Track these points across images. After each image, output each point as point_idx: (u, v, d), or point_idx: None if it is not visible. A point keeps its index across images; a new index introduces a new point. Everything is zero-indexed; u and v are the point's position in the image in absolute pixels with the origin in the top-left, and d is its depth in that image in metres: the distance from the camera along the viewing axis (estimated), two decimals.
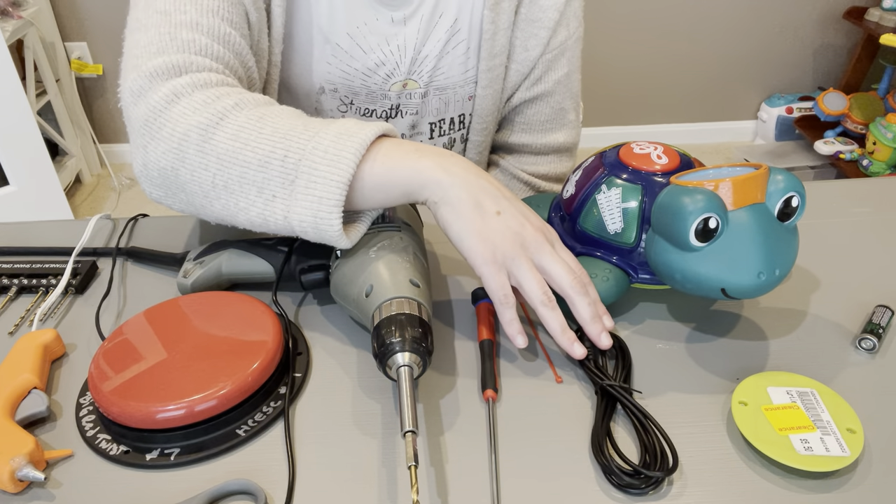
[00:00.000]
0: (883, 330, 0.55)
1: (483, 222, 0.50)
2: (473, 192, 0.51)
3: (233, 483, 0.44)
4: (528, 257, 0.51)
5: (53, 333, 0.55)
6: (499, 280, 0.50)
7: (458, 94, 0.80)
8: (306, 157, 0.49)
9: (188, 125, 0.52)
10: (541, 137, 0.86)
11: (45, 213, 2.02)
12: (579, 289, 0.51)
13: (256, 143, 0.51)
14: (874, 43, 2.15)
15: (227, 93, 0.54)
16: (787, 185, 0.49)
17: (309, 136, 0.50)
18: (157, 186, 0.56)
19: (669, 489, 0.44)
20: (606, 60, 2.37)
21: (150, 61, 0.56)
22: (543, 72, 0.80)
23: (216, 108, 0.53)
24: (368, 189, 0.51)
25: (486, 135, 0.84)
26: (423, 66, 0.76)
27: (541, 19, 0.77)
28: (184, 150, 0.52)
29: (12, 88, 1.83)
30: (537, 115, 0.84)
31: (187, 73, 0.55)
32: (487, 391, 0.50)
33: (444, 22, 0.74)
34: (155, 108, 0.54)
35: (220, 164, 0.51)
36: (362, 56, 0.74)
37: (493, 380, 0.51)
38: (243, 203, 0.52)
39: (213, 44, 0.59)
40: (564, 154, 0.89)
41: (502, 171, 0.89)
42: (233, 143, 0.51)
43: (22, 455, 0.44)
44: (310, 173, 0.49)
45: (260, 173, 0.50)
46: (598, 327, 0.51)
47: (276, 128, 0.51)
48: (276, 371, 0.51)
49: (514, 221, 0.51)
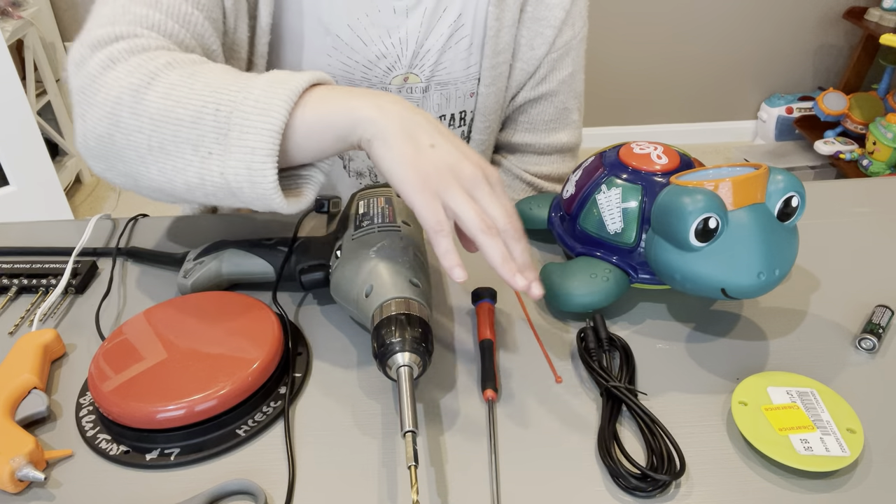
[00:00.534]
0: (883, 330, 0.55)
1: (416, 153, 0.48)
2: (407, 126, 0.48)
3: (233, 483, 0.44)
4: (462, 188, 0.48)
5: (53, 333, 0.55)
6: (431, 207, 0.47)
7: (460, 91, 0.79)
8: (238, 109, 0.48)
9: (120, 88, 0.51)
10: (544, 137, 0.86)
11: (45, 213, 2.02)
12: (515, 233, 0.48)
13: (188, 100, 0.49)
14: (874, 43, 2.15)
15: (161, 54, 0.53)
16: (787, 185, 0.49)
17: (239, 88, 0.49)
18: (96, 157, 0.55)
19: (670, 489, 0.44)
20: (607, 60, 2.37)
21: (95, 31, 0.55)
22: (548, 71, 0.80)
23: (148, 68, 0.51)
24: (301, 136, 0.49)
25: (489, 133, 0.84)
26: (424, 61, 0.76)
27: (547, 18, 0.77)
28: (117, 113, 0.51)
29: (12, 88, 1.83)
30: (541, 115, 0.84)
31: (125, 40, 0.54)
32: (487, 391, 0.50)
33: (447, 16, 0.74)
34: (91, 75, 0.53)
35: (154, 124, 0.50)
36: (363, 48, 0.74)
37: (492, 380, 0.51)
38: (180, 164, 0.50)
39: (168, 21, 0.58)
40: (567, 154, 0.89)
41: (505, 172, 0.89)
42: (164, 101, 0.50)
43: (22, 455, 0.44)
44: (241, 124, 0.48)
45: (193, 130, 0.49)
46: (508, 269, 0.47)
47: (207, 82, 0.50)
48: (276, 371, 0.51)
49: (450, 155, 0.48)
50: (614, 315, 0.58)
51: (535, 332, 0.57)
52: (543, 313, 0.59)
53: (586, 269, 0.57)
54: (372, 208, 0.59)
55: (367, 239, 0.55)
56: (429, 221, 0.47)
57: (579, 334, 0.55)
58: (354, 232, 0.57)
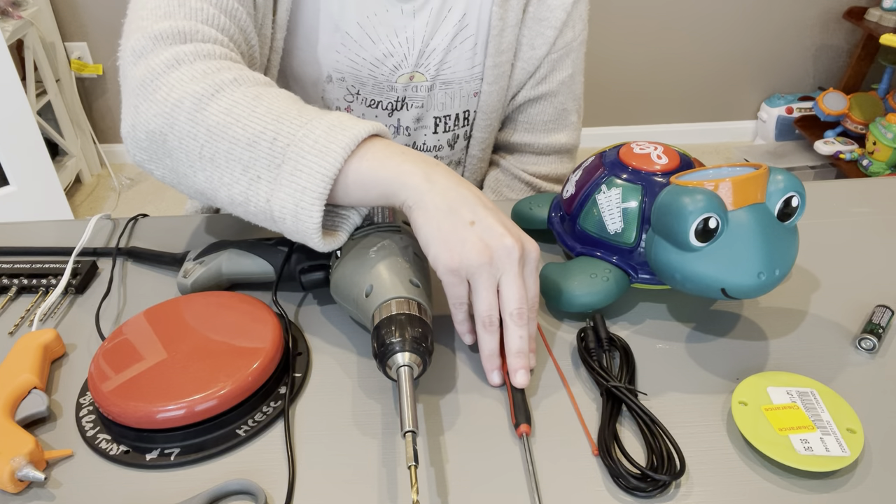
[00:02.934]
0: (883, 330, 0.55)
1: (453, 230, 0.48)
2: (450, 200, 0.49)
3: (233, 483, 0.44)
4: (491, 274, 0.48)
5: (53, 333, 0.55)
6: (457, 291, 0.50)
7: (464, 90, 0.80)
8: (295, 144, 0.49)
9: (183, 92, 0.52)
10: (543, 137, 0.86)
11: (45, 213, 2.02)
12: (518, 319, 0.49)
13: (248, 121, 0.50)
14: (874, 43, 2.15)
15: (228, 66, 0.54)
16: (787, 185, 0.49)
17: (301, 123, 0.50)
18: (142, 150, 0.55)
19: (670, 489, 0.44)
20: (607, 60, 2.37)
21: (156, 24, 0.55)
22: (548, 71, 0.81)
23: (214, 79, 0.52)
24: (350, 185, 0.50)
25: (489, 132, 0.84)
26: (430, 60, 0.77)
27: (548, 18, 0.78)
28: (175, 115, 0.52)
29: (12, 88, 1.83)
30: (540, 115, 0.85)
31: (192, 42, 0.55)
32: (521, 426, 0.47)
33: (452, 16, 0.75)
34: (154, 71, 0.53)
35: (210, 135, 0.51)
36: (371, 46, 0.75)
37: (525, 413, 0.48)
38: (227, 179, 0.51)
39: (221, 15, 0.59)
40: (565, 155, 0.89)
41: (503, 171, 0.89)
42: (225, 116, 0.51)
43: (22, 455, 0.44)
44: (297, 160, 0.49)
45: (247, 152, 0.50)
46: (520, 362, 0.49)
47: (269, 108, 0.51)
48: (276, 371, 0.51)
49: (488, 232, 0.48)
50: (614, 315, 0.58)
51: (540, 330, 0.57)
52: (543, 313, 0.59)
53: (586, 269, 0.57)
54: (372, 208, 0.59)
55: (367, 239, 0.55)
56: (452, 300, 0.51)
57: (579, 334, 0.55)
58: (354, 232, 0.57)
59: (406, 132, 0.82)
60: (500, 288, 0.49)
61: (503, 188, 0.89)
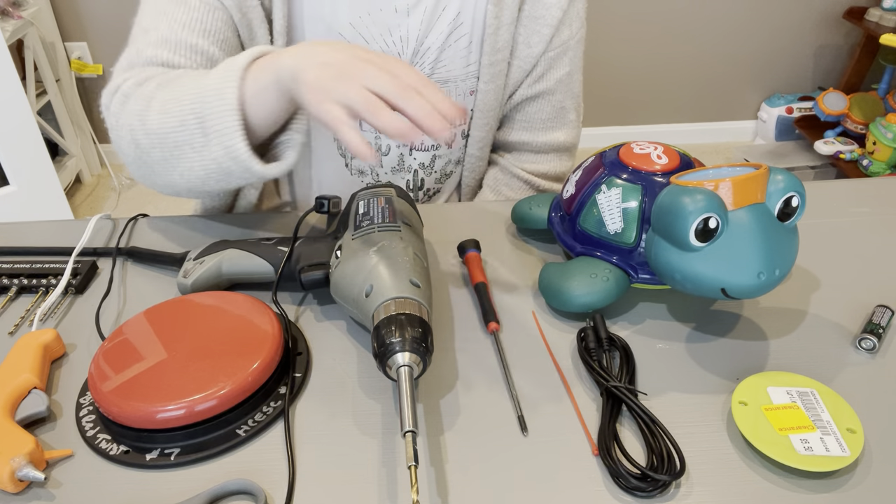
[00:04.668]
0: (883, 330, 0.55)
1: (321, 72, 0.52)
2: (319, 57, 0.53)
3: (233, 483, 0.44)
4: (374, 66, 0.50)
5: (53, 333, 0.55)
6: (331, 113, 0.50)
7: (460, 89, 0.80)
8: (205, 101, 0.56)
9: (132, 117, 0.61)
10: (541, 136, 0.86)
11: (45, 213, 2.02)
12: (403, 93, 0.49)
13: (176, 109, 0.58)
14: (874, 43, 2.15)
15: (155, 77, 0.62)
16: (787, 185, 0.49)
17: (204, 84, 0.57)
18: (140, 178, 0.66)
19: (670, 489, 0.44)
20: (607, 60, 2.37)
21: (115, 79, 0.65)
22: (545, 69, 0.81)
23: (145, 94, 0.61)
24: (256, 105, 0.56)
25: (487, 131, 0.84)
26: (424, 59, 0.77)
27: (544, 16, 0.78)
28: (136, 139, 0.61)
29: (12, 88, 1.83)
30: (538, 114, 0.84)
31: (133, 78, 0.63)
32: (491, 324, 0.56)
33: (447, 15, 0.75)
34: (114, 114, 0.63)
35: (160, 138, 0.59)
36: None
37: (492, 313, 0.57)
38: (187, 163, 0.59)
39: (176, 56, 0.66)
40: (564, 153, 0.89)
41: (502, 170, 0.89)
42: (161, 117, 0.59)
43: (22, 455, 0.44)
44: (210, 113, 0.56)
45: (184, 133, 0.57)
46: (429, 122, 0.48)
47: (185, 89, 0.58)
48: (276, 371, 0.51)
49: (353, 51, 0.52)
50: (614, 315, 0.58)
51: (540, 329, 0.57)
52: (543, 313, 0.59)
53: (586, 269, 0.57)
54: (372, 208, 0.59)
55: (367, 239, 0.55)
56: (328, 124, 0.50)
57: (579, 334, 0.55)
58: (354, 232, 0.57)
59: None
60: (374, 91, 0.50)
61: (502, 187, 0.89)
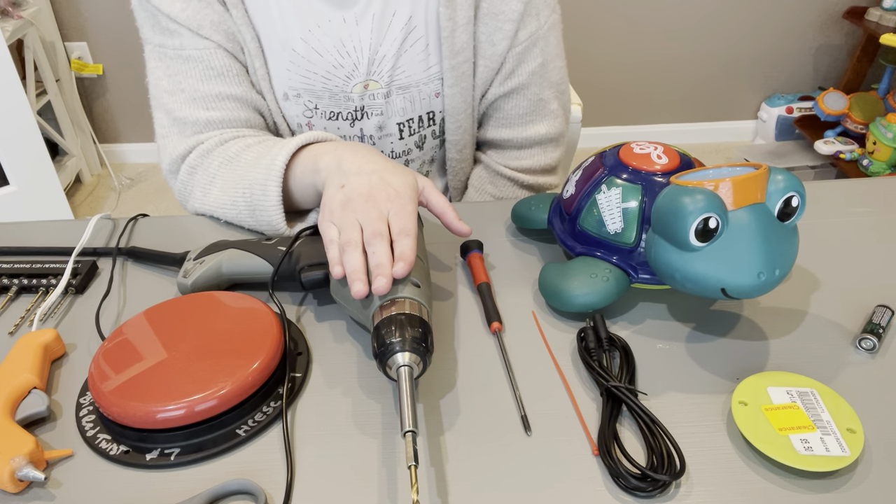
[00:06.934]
0: (883, 330, 0.55)
1: (334, 193, 0.58)
2: (340, 165, 0.60)
3: (233, 483, 0.44)
4: (356, 218, 0.55)
5: (53, 333, 0.55)
6: (327, 234, 0.55)
7: (423, 92, 0.78)
8: (254, 196, 0.67)
9: (196, 188, 0.74)
10: (521, 131, 0.84)
11: (45, 213, 2.02)
12: (370, 240, 0.53)
13: (231, 192, 0.70)
14: (874, 43, 2.15)
15: (218, 154, 0.72)
16: (787, 184, 0.49)
17: (255, 176, 0.67)
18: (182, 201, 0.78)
19: (670, 489, 0.44)
20: (607, 60, 2.37)
21: (167, 154, 0.75)
22: (515, 65, 0.78)
23: (209, 171, 0.72)
24: (297, 194, 0.68)
25: (461, 133, 0.82)
26: (381, 66, 0.75)
27: (504, 12, 0.75)
28: (198, 204, 0.74)
29: (12, 88, 1.83)
30: (515, 109, 0.82)
31: (195, 149, 0.73)
32: (494, 324, 0.56)
33: (398, 20, 0.74)
34: (182, 181, 0.75)
35: (218, 209, 0.72)
36: (319, 59, 0.74)
37: (496, 314, 0.57)
38: (246, 224, 0.71)
39: (210, 113, 0.74)
40: (549, 145, 0.86)
41: (485, 168, 0.88)
42: (220, 195, 0.71)
43: (22, 455, 0.44)
44: (258, 201, 0.67)
45: (234, 210, 0.70)
46: (378, 271, 0.51)
47: (238, 175, 0.70)
48: (276, 371, 0.51)
49: (360, 187, 0.57)
50: (614, 315, 0.58)
51: (541, 329, 0.57)
52: (544, 313, 0.59)
53: (586, 269, 0.57)
54: None
55: None
56: (325, 241, 0.56)
57: (579, 334, 0.55)
58: None
59: (370, 140, 0.81)
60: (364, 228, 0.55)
61: (486, 185, 0.87)
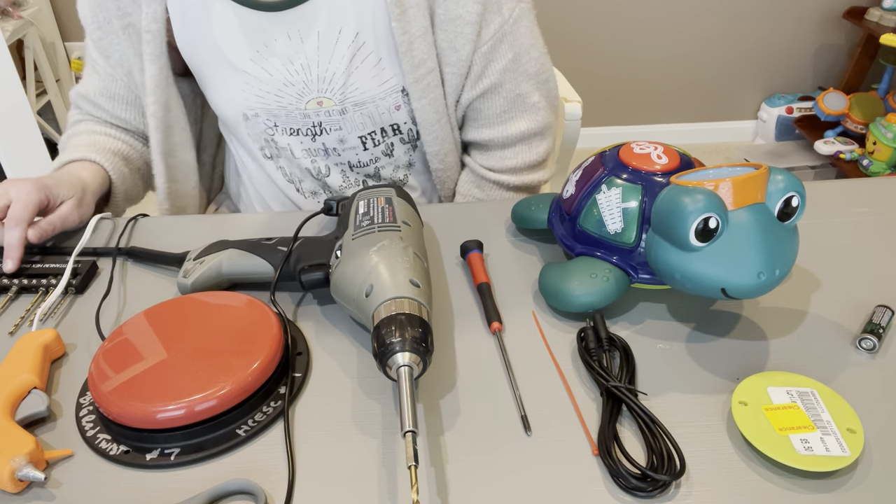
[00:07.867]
0: (883, 330, 0.55)
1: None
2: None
3: (233, 483, 0.44)
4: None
5: (53, 333, 0.55)
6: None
7: (381, 107, 0.76)
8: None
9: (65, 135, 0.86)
10: (502, 130, 0.81)
11: None
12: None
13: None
14: (874, 43, 2.15)
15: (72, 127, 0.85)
16: (787, 185, 0.49)
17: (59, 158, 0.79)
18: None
19: (670, 489, 0.44)
20: (607, 60, 2.37)
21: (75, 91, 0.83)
22: (484, 65, 0.76)
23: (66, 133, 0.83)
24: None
25: (440, 143, 0.80)
26: (332, 84, 0.74)
27: (462, 16, 0.72)
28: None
29: (12, 88, 1.83)
30: (492, 108, 0.80)
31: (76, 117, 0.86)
32: (494, 324, 0.56)
33: (344, 38, 0.72)
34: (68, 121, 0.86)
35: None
36: (269, 79, 0.74)
37: (496, 314, 0.58)
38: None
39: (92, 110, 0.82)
40: (533, 140, 0.83)
41: (471, 173, 0.86)
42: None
43: (22, 455, 0.44)
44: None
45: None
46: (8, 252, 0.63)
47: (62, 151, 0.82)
48: (276, 371, 0.51)
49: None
50: (614, 315, 0.58)
51: (541, 329, 0.57)
52: (544, 313, 0.59)
53: (586, 269, 0.57)
54: (372, 208, 0.60)
55: (367, 239, 0.55)
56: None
57: (579, 334, 0.55)
58: (354, 232, 0.57)
59: (335, 153, 0.81)
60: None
61: (472, 189, 0.86)
